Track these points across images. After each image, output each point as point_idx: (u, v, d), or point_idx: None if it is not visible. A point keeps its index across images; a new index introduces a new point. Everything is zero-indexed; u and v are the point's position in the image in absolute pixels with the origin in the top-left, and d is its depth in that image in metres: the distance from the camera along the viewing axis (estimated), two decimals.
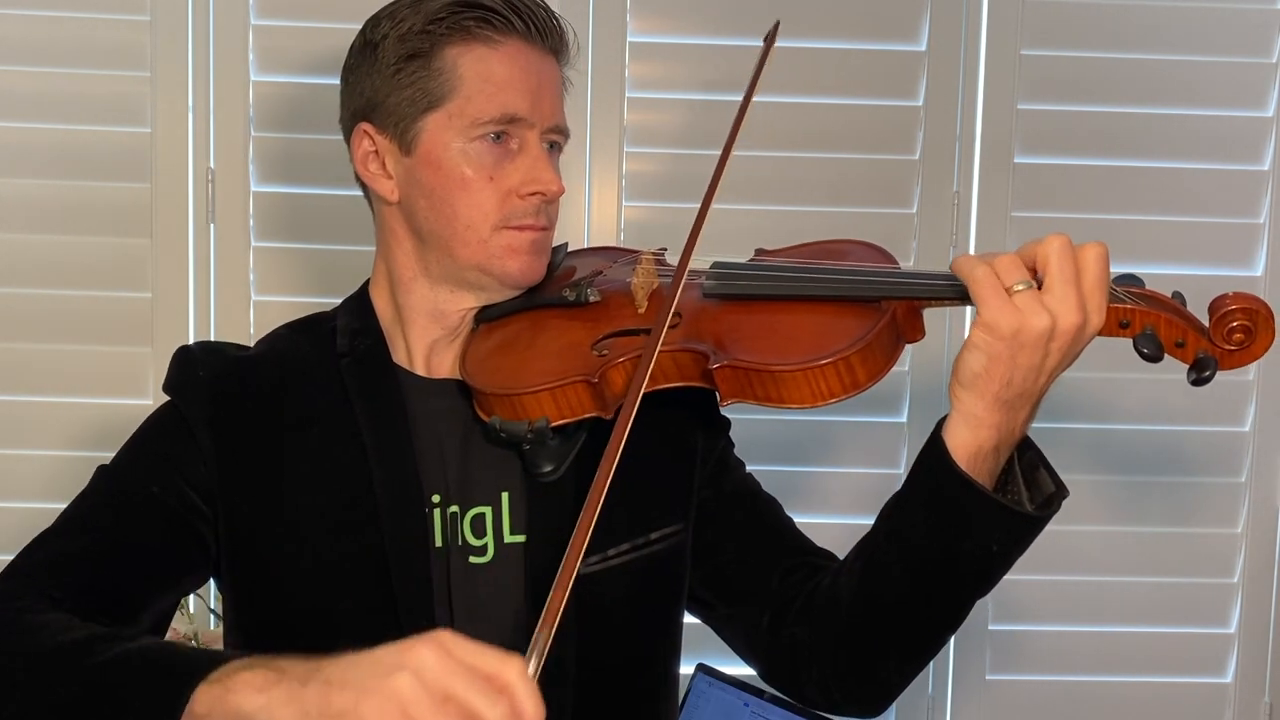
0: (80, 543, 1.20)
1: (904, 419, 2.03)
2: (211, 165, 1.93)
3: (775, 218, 1.99)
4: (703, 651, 1.45)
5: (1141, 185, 2.03)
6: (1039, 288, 1.03)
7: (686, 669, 1.47)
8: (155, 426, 1.27)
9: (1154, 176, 2.03)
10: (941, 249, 2.02)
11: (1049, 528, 1.15)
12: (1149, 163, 2.03)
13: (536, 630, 0.92)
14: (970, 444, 1.07)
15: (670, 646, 1.33)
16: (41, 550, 1.20)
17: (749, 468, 1.39)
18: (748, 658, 1.33)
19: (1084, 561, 2.06)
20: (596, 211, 1.98)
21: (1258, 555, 2.10)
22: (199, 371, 1.26)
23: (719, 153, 1.30)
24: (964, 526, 1.09)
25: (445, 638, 0.89)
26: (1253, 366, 2.06)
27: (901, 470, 2.00)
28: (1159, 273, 2.02)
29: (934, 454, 1.09)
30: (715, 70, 1.99)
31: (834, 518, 1.96)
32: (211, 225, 1.94)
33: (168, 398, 1.27)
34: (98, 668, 1.04)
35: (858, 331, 1.09)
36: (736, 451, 1.39)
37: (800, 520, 1.35)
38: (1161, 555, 2.08)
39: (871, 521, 1.20)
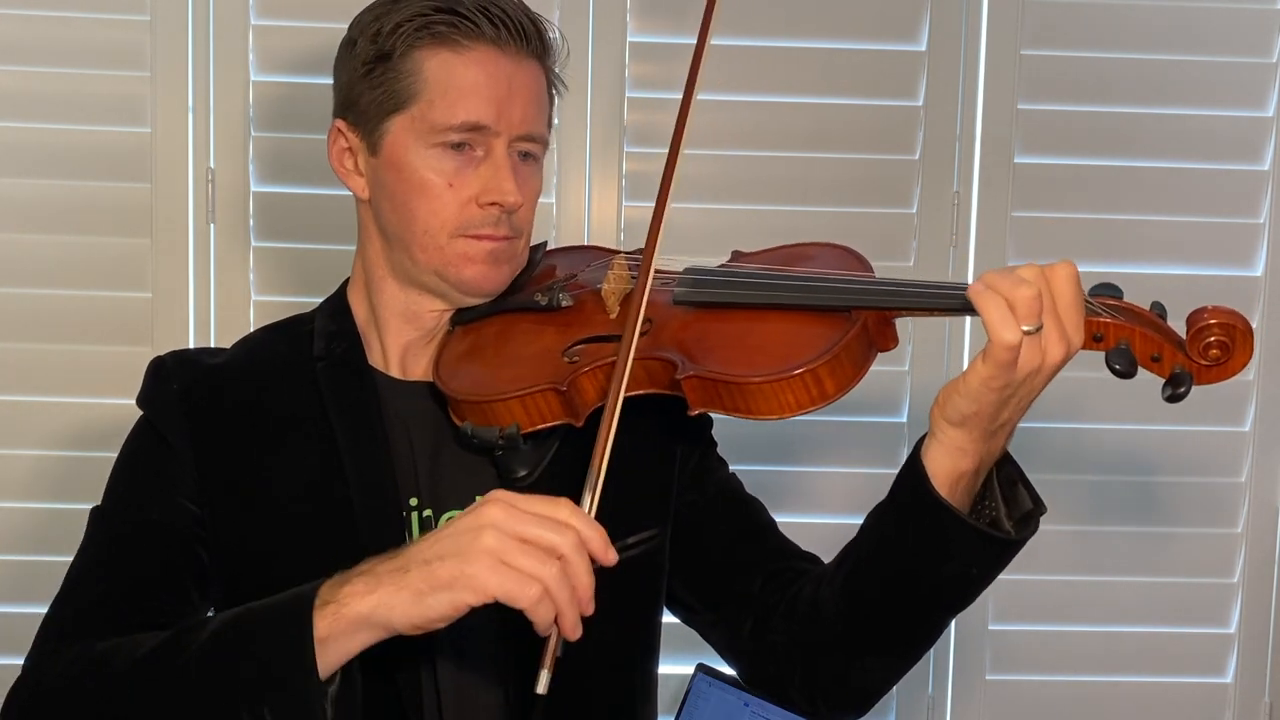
0: (98, 592, 1.20)
1: (904, 419, 2.03)
2: (211, 165, 1.93)
3: (775, 218, 1.99)
4: (702, 651, 1.45)
5: (1141, 185, 2.03)
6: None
7: (686, 669, 1.47)
8: (134, 449, 1.27)
9: (1154, 176, 2.03)
10: (941, 249, 2.02)
11: (1050, 528, 1.15)
12: (1149, 163, 2.03)
13: (589, 472, 1.06)
14: (952, 471, 1.07)
15: (648, 648, 1.33)
16: (63, 611, 1.20)
17: (747, 466, 1.39)
18: (730, 661, 1.34)
19: (1084, 561, 2.06)
20: (596, 211, 1.98)
21: (1258, 555, 2.09)
22: (172, 384, 1.25)
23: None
24: (944, 551, 1.09)
25: (502, 495, 1.00)
26: (1253, 366, 2.06)
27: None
28: (1159, 273, 2.05)
29: (913, 479, 1.09)
30: (715, 70, 1.98)
31: (832, 518, 1.96)
32: (211, 225, 1.94)
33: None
34: (208, 643, 1.06)
35: (826, 342, 1.08)
36: (733, 450, 1.39)
37: (798, 520, 1.35)
38: (1162, 555, 2.08)
39: None
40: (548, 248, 1.38)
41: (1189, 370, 1.03)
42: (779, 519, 1.36)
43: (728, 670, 1.48)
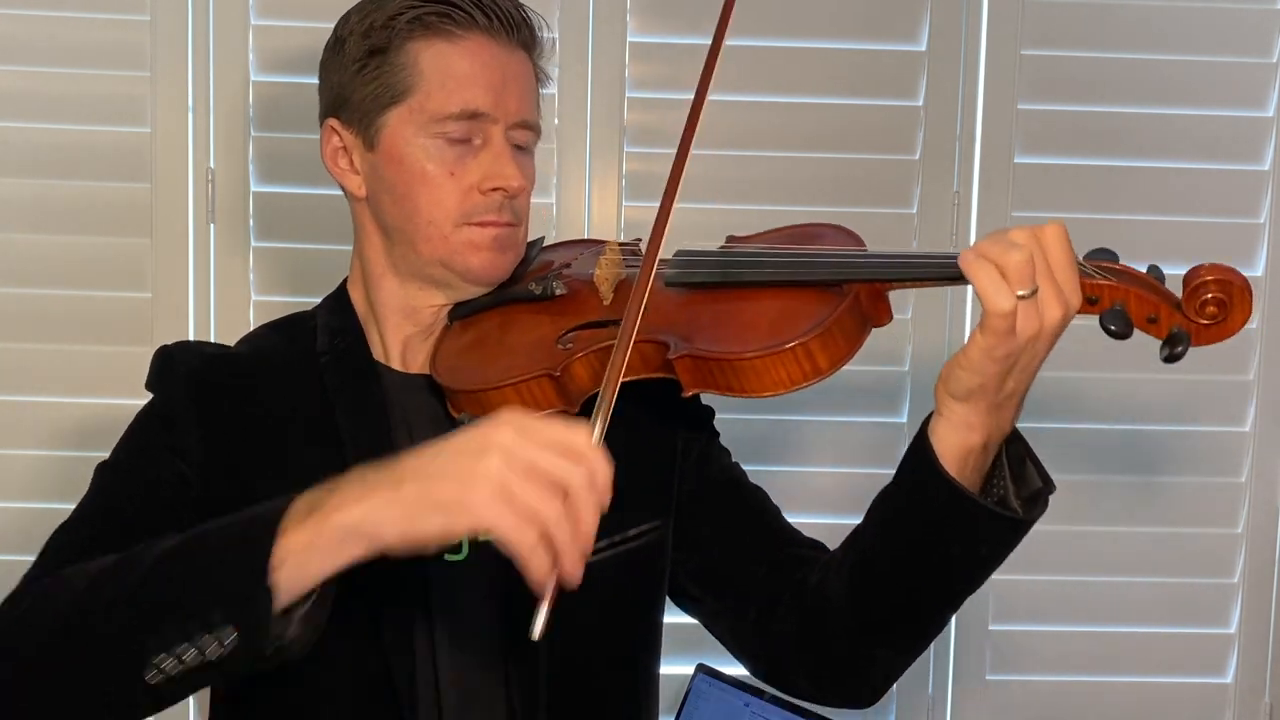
0: (88, 535, 1.20)
1: (904, 419, 2.03)
2: (211, 165, 1.93)
3: (775, 218, 1.96)
4: (703, 652, 1.45)
5: (1141, 185, 2.03)
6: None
7: (686, 669, 1.47)
8: (142, 421, 1.27)
9: (1154, 176, 2.03)
10: (942, 249, 2.01)
11: (1049, 528, 1.15)
12: (1149, 163, 2.03)
13: (598, 400, 0.99)
14: (960, 448, 1.06)
15: (650, 645, 1.33)
16: (62, 538, 1.21)
17: (746, 467, 1.38)
18: (736, 652, 1.33)
19: (1084, 562, 2.06)
20: (596, 211, 1.98)
21: (1258, 555, 2.09)
22: (178, 368, 1.26)
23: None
24: (952, 531, 1.09)
25: (514, 418, 0.93)
26: (1252, 366, 2.06)
27: None
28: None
29: (921, 458, 1.08)
30: (717, 70, 1.98)
31: (832, 517, 1.95)
32: (211, 225, 1.94)
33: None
34: (154, 565, 1.00)
35: (817, 316, 1.08)
36: (733, 451, 1.38)
37: (797, 520, 1.35)
38: (1161, 555, 2.08)
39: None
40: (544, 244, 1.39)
41: (1187, 330, 1.01)
42: None
43: (728, 670, 1.48)
